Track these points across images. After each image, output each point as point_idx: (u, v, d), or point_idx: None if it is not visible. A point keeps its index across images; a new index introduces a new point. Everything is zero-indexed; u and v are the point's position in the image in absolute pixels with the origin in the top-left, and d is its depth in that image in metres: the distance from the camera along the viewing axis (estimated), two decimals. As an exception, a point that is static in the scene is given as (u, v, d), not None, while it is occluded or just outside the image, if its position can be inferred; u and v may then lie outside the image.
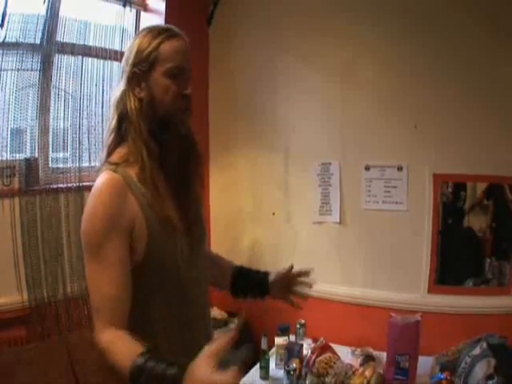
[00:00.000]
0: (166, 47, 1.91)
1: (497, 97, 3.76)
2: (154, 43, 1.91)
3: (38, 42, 3.72)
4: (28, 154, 3.74)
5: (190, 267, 2.00)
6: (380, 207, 4.16)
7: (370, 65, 4.18)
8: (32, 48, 3.69)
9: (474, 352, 3.27)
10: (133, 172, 1.89)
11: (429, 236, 3.97)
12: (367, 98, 4.19)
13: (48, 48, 3.77)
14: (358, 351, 3.90)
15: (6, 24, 3.48)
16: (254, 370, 3.86)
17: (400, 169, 4.05)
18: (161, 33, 1.94)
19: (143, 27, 2.05)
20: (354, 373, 3.50)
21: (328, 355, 3.67)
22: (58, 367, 3.56)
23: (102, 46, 4.13)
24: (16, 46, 3.58)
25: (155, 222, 1.88)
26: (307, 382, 3.58)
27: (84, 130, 4.03)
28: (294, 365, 3.58)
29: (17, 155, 3.68)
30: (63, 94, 3.99)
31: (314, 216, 4.49)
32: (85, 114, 4.03)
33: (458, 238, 3.93)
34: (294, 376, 3.55)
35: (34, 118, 3.77)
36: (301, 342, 4.04)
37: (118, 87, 1.99)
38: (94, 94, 4.09)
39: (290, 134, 4.58)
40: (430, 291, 3.98)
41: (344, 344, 4.05)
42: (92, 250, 1.81)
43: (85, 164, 4.03)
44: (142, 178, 1.88)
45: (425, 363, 3.63)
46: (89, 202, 1.85)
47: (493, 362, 3.08)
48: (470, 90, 3.82)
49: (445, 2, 3.86)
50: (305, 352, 3.79)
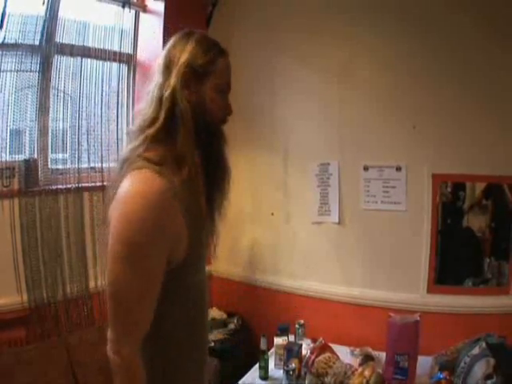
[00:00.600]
0: (222, 63, 1.94)
1: (494, 97, 3.76)
2: (211, 55, 1.91)
3: (37, 42, 3.74)
4: (27, 155, 3.74)
5: (203, 271, 2.07)
6: (379, 207, 4.16)
7: (367, 65, 4.18)
8: (31, 49, 3.71)
9: (473, 352, 3.27)
10: (174, 175, 1.77)
11: (428, 236, 3.97)
12: (365, 98, 4.19)
13: (47, 49, 3.79)
14: (357, 351, 3.90)
15: (5, 25, 3.49)
16: (254, 370, 3.86)
17: (399, 169, 4.05)
18: (215, 45, 1.96)
19: (190, 30, 1.99)
20: (353, 373, 3.49)
21: (327, 355, 3.67)
22: (57, 368, 3.57)
23: (101, 46, 4.15)
24: (15, 46, 3.60)
25: (193, 230, 1.81)
26: (306, 381, 3.58)
27: (83, 131, 4.05)
28: (294, 365, 3.58)
29: (16, 156, 3.69)
30: (62, 94, 4.00)
31: (312, 216, 4.49)
32: (84, 114, 4.05)
33: (458, 237, 3.93)
34: (294, 376, 3.55)
35: (34, 118, 3.79)
36: (300, 342, 4.03)
37: (161, 81, 1.88)
38: (93, 94, 4.11)
39: (289, 135, 4.59)
40: (429, 291, 3.98)
41: (343, 344, 4.05)
42: (133, 255, 1.68)
43: (84, 165, 4.04)
44: (184, 182, 1.79)
45: (424, 363, 3.62)
46: (124, 201, 1.71)
47: (492, 361, 3.08)
48: (468, 91, 3.81)
49: (442, 2, 3.86)
50: (304, 352, 3.78)
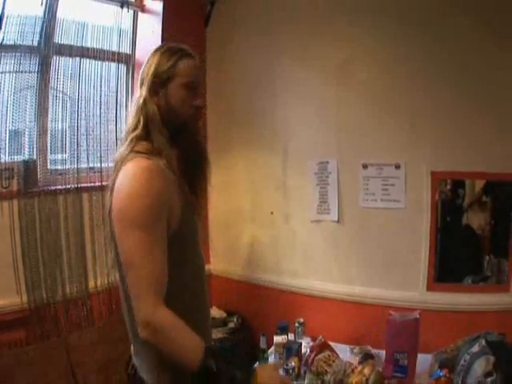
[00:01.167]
0: (185, 64, 2.19)
1: (492, 97, 3.76)
2: (173, 59, 2.18)
3: (35, 43, 3.74)
4: (27, 156, 3.74)
5: (199, 253, 2.32)
6: (378, 205, 4.15)
7: (365, 66, 4.18)
8: (30, 50, 3.71)
9: (472, 349, 3.26)
10: (161, 162, 2.07)
11: (427, 234, 3.96)
12: (364, 98, 4.18)
13: (46, 50, 3.79)
14: (357, 349, 3.90)
15: (3, 26, 3.49)
16: (254, 368, 3.86)
17: (398, 167, 4.05)
18: (178, 51, 2.21)
19: (161, 45, 2.31)
20: (352, 371, 3.49)
21: (327, 353, 3.67)
22: (57, 368, 3.58)
23: (100, 47, 4.15)
24: (14, 48, 3.60)
25: (184, 203, 2.13)
26: (306, 380, 3.58)
27: (82, 132, 4.05)
28: (293, 363, 3.59)
29: (15, 157, 3.69)
30: (61, 95, 4.01)
31: (312, 215, 4.49)
32: (83, 115, 4.05)
33: (457, 235, 3.92)
34: (293, 374, 3.56)
35: (33, 119, 3.80)
36: (300, 340, 4.04)
37: (139, 94, 2.22)
38: (92, 95, 4.12)
39: (288, 134, 4.58)
40: (429, 289, 3.97)
41: (343, 342, 4.05)
42: (142, 223, 1.93)
43: (83, 165, 4.05)
44: (168, 167, 2.09)
45: (424, 361, 3.62)
46: (128, 181, 1.99)
47: (491, 359, 3.07)
48: (465, 89, 3.79)
49: (440, 5, 3.86)
50: (304, 350, 3.80)
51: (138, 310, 1.90)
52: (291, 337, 4.12)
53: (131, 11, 4.45)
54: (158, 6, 4.46)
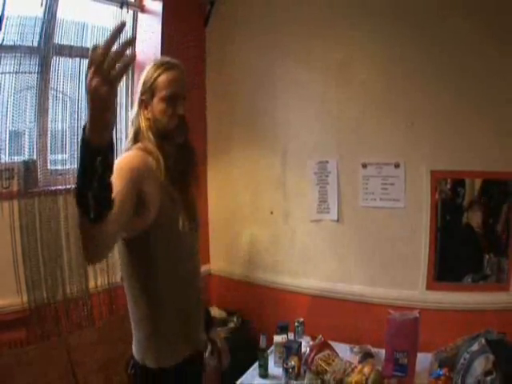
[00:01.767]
0: (163, 78, 2.45)
1: (490, 100, 3.77)
2: (154, 75, 2.46)
3: (35, 44, 3.74)
4: (27, 157, 3.74)
5: (188, 235, 2.55)
6: (377, 204, 4.17)
7: (365, 67, 4.20)
8: (30, 50, 3.71)
9: (472, 348, 3.26)
10: (150, 158, 2.41)
11: (427, 232, 3.97)
12: (363, 97, 4.21)
13: (46, 50, 3.79)
14: (357, 348, 3.91)
15: (3, 27, 3.49)
16: (253, 368, 3.87)
17: (397, 166, 4.06)
18: (160, 66, 2.48)
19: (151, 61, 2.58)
20: (352, 370, 3.49)
21: (327, 353, 3.67)
22: (57, 368, 3.58)
23: (100, 47, 4.14)
24: (14, 48, 3.60)
25: (165, 195, 2.40)
26: (306, 379, 3.58)
27: (81, 132, 4.03)
28: (293, 363, 3.59)
29: (15, 157, 3.69)
30: (61, 96, 4.01)
31: (311, 214, 4.50)
32: (83, 115, 4.04)
33: (457, 234, 3.93)
34: (293, 374, 3.56)
35: (33, 120, 3.79)
36: (299, 339, 4.04)
37: (133, 109, 2.55)
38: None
39: (287, 134, 4.60)
40: (429, 288, 3.98)
41: (342, 341, 4.05)
42: (118, 177, 2.02)
43: (83, 165, 4.04)
44: (156, 167, 2.39)
45: (424, 360, 3.63)
46: (121, 159, 2.29)
47: (491, 357, 3.07)
48: (465, 91, 3.82)
49: (439, 8, 3.87)
50: (303, 350, 3.80)
51: None
52: (291, 336, 4.12)
53: (131, 11, 4.45)
54: (158, 6, 4.46)
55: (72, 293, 3.86)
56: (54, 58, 3.88)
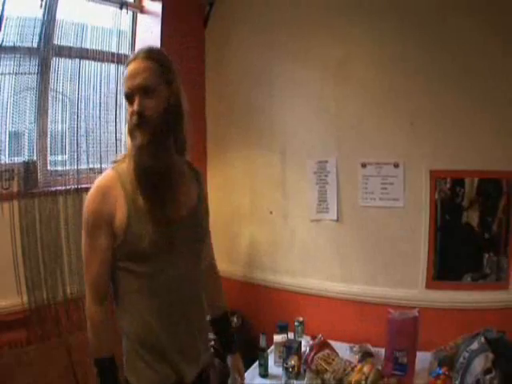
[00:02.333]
0: (125, 74, 2.22)
1: (492, 93, 3.77)
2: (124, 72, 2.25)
3: (35, 45, 3.74)
4: (26, 157, 3.75)
5: (166, 258, 2.27)
6: (377, 204, 4.17)
7: (364, 65, 4.21)
8: (29, 52, 3.71)
9: (472, 347, 3.27)
10: (128, 166, 2.24)
11: (426, 232, 3.98)
12: (363, 96, 4.20)
13: (45, 51, 3.79)
14: (357, 348, 3.92)
15: (3, 28, 3.49)
16: (253, 367, 3.88)
17: (396, 165, 4.06)
18: (128, 61, 2.25)
19: None
20: (352, 369, 3.52)
21: (326, 352, 3.69)
22: (57, 369, 3.58)
23: (99, 48, 4.15)
24: (13, 49, 3.60)
25: (133, 210, 2.19)
26: (306, 378, 3.60)
27: (82, 133, 4.06)
28: (293, 362, 3.60)
29: (15, 158, 3.69)
30: (61, 96, 4.01)
31: (311, 214, 4.50)
32: (82, 116, 4.05)
33: (456, 233, 3.94)
34: (293, 373, 3.58)
35: (33, 121, 3.79)
36: (299, 339, 4.06)
37: None
38: (91, 96, 4.12)
39: (287, 133, 4.60)
40: (428, 287, 3.99)
41: (342, 341, 4.07)
42: (87, 231, 2.21)
43: (83, 166, 4.05)
44: (131, 169, 2.22)
45: (423, 359, 3.65)
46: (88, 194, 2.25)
47: (490, 356, 3.08)
48: (467, 90, 3.82)
49: (440, 6, 3.87)
50: (303, 349, 3.82)
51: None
52: (291, 336, 4.14)
53: (130, 12, 4.45)
54: (157, 7, 4.46)
55: (72, 293, 3.85)
56: (54, 58, 3.88)
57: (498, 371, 3.00)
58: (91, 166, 4.11)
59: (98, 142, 4.13)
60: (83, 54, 4.04)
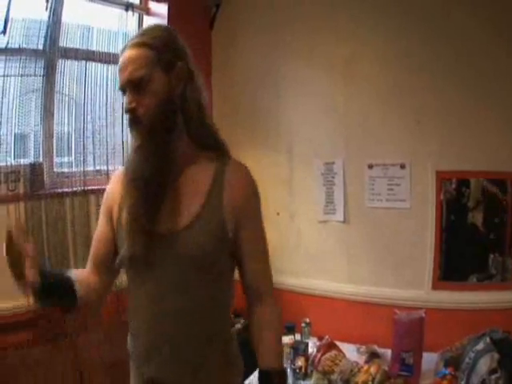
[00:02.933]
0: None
1: (498, 93, 3.76)
2: None
3: (40, 47, 3.74)
4: (32, 159, 3.76)
5: (144, 274, 1.99)
6: (384, 205, 4.18)
7: (370, 64, 4.21)
8: (35, 53, 3.71)
9: (477, 347, 3.28)
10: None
11: (432, 233, 3.98)
12: (370, 96, 4.21)
13: (51, 53, 3.80)
14: (363, 349, 3.92)
15: (8, 30, 3.50)
16: (260, 369, 3.86)
17: (403, 167, 4.07)
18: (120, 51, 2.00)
19: None
20: (359, 370, 3.52)
21: (333, 353, 3.69)
22: (63, 370, 3.59)
23: (105, 50, 4.16)
24: (19, 51, 3.60)
25: (122, 213, 2.04)
26: (313, 379, 3.60)
27: (88, 134, 4.06)
28: (300, 363, 3.61)
29: (21, 160, 3.70)
30: (67, 98, 4.02)
31: (318, 215, 4.51)
32: (89, 118, 4.06)
33: (462, 234, 3.94)
34: (300, 374, 3.59)
35: (38, 122, 3.80)
36: (306, 340, 4.06)
37: None
38: (97, 98, 4.12)
39: (294, 135, 4.60)
40: (434, 288, 3.99)
41: (349, 342, 4.08)
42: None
43: (90, 168, 4.06)
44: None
45: (429, 360, 3.65)
46: None
47: (496, 356, 3.08)
48: (471, 88, 3.82)
49: (446, 3, 3.87)
50: (310, 350, 3.82)
51: None
52: (298, 337, 4.14)
53: (136, 14, 4.45)
54: (163, 9, 4.46)
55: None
56: (60, 60, 3.88)
57: (503, 371, 3.01)
58: (98, 167, 4.12)
59: (104, 144, 4.14)
60: (89, 56, 4.04)
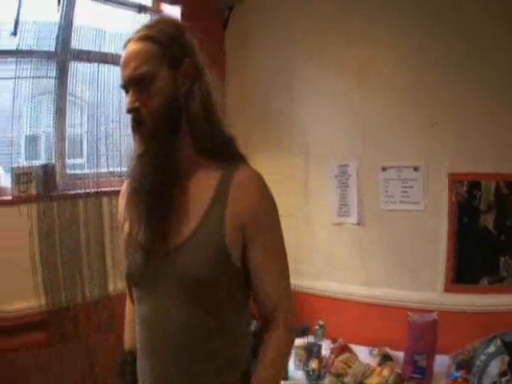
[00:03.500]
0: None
1: (510, 89, 3.76)
2: None
3: (52, 49, 3.75)
4: (44, 161, 3.77)
5: (141, 291, 1.86)
6: (397, 207, 4.18)
7: (384, 61, 4.21)
8: (47, 55, 3.73)
9: (488, 350, 3.27)
10: None
11: (445, 235, 3.98)
12: (384, 94, 4.22)
13: (63, 55, 3.81)
14: (376, 351, 3.92)
15: (19, 32, 3.51)
16: (273, 370, 3.86)
17: (416, 169, 4.07)
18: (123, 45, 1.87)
19: None
20: (372, 372, 3.53)
21: (346, 355, 3.70)
22: (75, 371, 3.59)
23: (118, 52, 4.16)
24: (30, 53, 3.62)
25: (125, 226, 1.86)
26: (326, 381, 3.61)
27: (100, 136, 4.07)
28: (313, 365, 3.62)
29: (33, 162, 3.71)
30: (79, 101, 4.03)
31: (332, 217, 4.51)
32: (101, 120, 4.07)
33: (474, 236, 3.93)
34: (313, 376, 3.59)
35: (51, 124, 3.81)
36: (320, 342, 4.05)
37: None
38: (110, 100, 4.12)
39: (308, 137, 4.61)
40: (447, 290, 3.98)
41: (362, 344, 4.07)
42: None
43: (103, 170, 4.07)
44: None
45: (441, 362, 3.65)
46: None
47: (506, 359, 3.08)
48: (488, 90, 3.81)
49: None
50: (324, 352, 3.83)
51: None
52: (311, 339, 4.14)
53: (149, 16, 4.44)
54: (176, 11, 4.49)
55: (92, 296, 3.87)
56: (72, 63, 3.89)
57: (513, 374, 3.00)
58: (111, 169, 4.12)
59: (117, 146, 4.15)
60: (102, 58, 4.05)
